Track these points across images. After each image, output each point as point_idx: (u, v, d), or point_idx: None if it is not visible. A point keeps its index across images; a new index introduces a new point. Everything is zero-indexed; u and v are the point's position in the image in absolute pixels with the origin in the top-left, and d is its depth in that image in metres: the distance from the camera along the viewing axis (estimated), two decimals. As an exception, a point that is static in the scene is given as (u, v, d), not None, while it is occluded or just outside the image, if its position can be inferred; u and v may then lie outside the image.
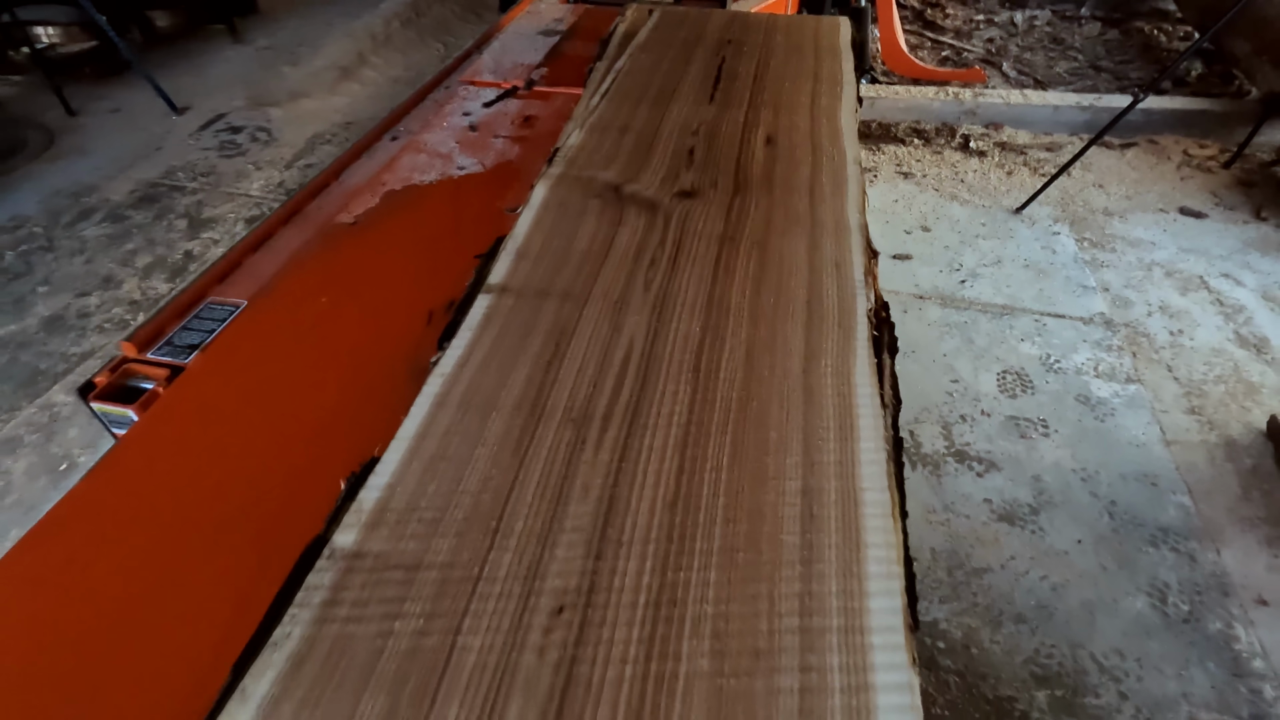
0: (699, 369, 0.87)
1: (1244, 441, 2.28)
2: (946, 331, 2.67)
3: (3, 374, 2.42)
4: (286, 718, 0.57)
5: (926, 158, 3.75)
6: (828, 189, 1.20)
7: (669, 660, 0.60)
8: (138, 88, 4.22)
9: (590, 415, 0.81)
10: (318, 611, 0.63)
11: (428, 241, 1.37)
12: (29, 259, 2.95)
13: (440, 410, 0.82)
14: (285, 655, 0.60)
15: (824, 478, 0.74)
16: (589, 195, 1.19)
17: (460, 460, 0.76)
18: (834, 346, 0.90)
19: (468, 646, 0.61)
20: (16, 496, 2.04)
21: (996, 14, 5.58)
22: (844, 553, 0.67)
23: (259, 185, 3.46)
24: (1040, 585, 1.89)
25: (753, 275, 1.02)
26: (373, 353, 1.12)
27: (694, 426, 0.80)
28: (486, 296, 0.99)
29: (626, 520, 0.71)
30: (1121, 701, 1.66)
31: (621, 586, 0.65)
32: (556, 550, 0.68)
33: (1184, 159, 3.77)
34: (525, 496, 0.73)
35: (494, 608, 0.64)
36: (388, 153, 1.68)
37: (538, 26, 2.30)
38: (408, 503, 0.72)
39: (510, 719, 0.57)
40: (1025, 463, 2.20)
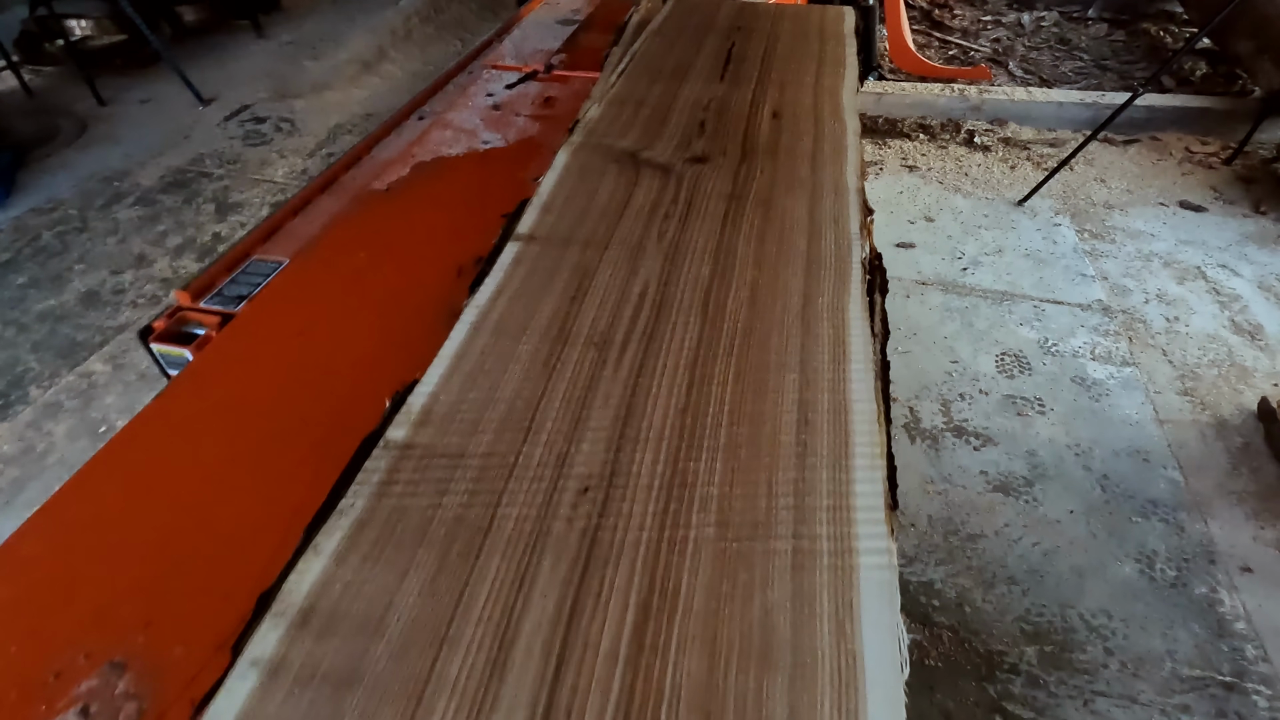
0: (707, 305, 0.97)
1: (1235, 422, 2.35)
2: (948, 316, 2.76)
3: (43, 344, 2.54)
4: (353, 567, 0.66)
5: (931, 152, 3.84)
6: (828, 156, 1.30)
7: (680, 529, 0.69)
8: (166, 79, 4.36)
9: (610, 340, 0.91)
10: (376, 489, 0.73)
11: (455, 206, 1.47)
12: (65, 239, 3.08)
13: (476, 335, 0.92)
14: (350, 520, 0.70)
15: (818, 392, 0.83)
16: (607, 160, 1.29)
17: (495, 374, 0.86)
18: (830, 287, 0.99)
19: (506, 516, 0.71)
20: (59, 456, 2.16)
21: (1004, 15, 5.65)
22: (834, 449, 0.77)
23: (283, 172, 3.58)
24: (1032, 551, 1.97)
25: (757, 228, 1.11)
26: (407, 301, 1.22)
27: (703, 350, 0.89)
28: (515, 244, 1.09)
29: (643, 423, 0.80)
30: (1107, 657, 1.74)
31: (639, 473, 0.75)
32: (582, 445, 0.78)
33: (1186, 155, 3.84)
34: (554, 403, 0.82)
35: (528, 488, 0.73)
36: (416, 130, 1.79)
37: (556, 16, 2.41)
38: (450, 407, 0.82)
39: (543, 573, 0.66)
40: (1021, 438, 2.28)
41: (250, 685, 0.58)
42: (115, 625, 0.76)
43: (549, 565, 0.67)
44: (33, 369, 2.44)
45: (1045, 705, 1.66)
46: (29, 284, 2.81)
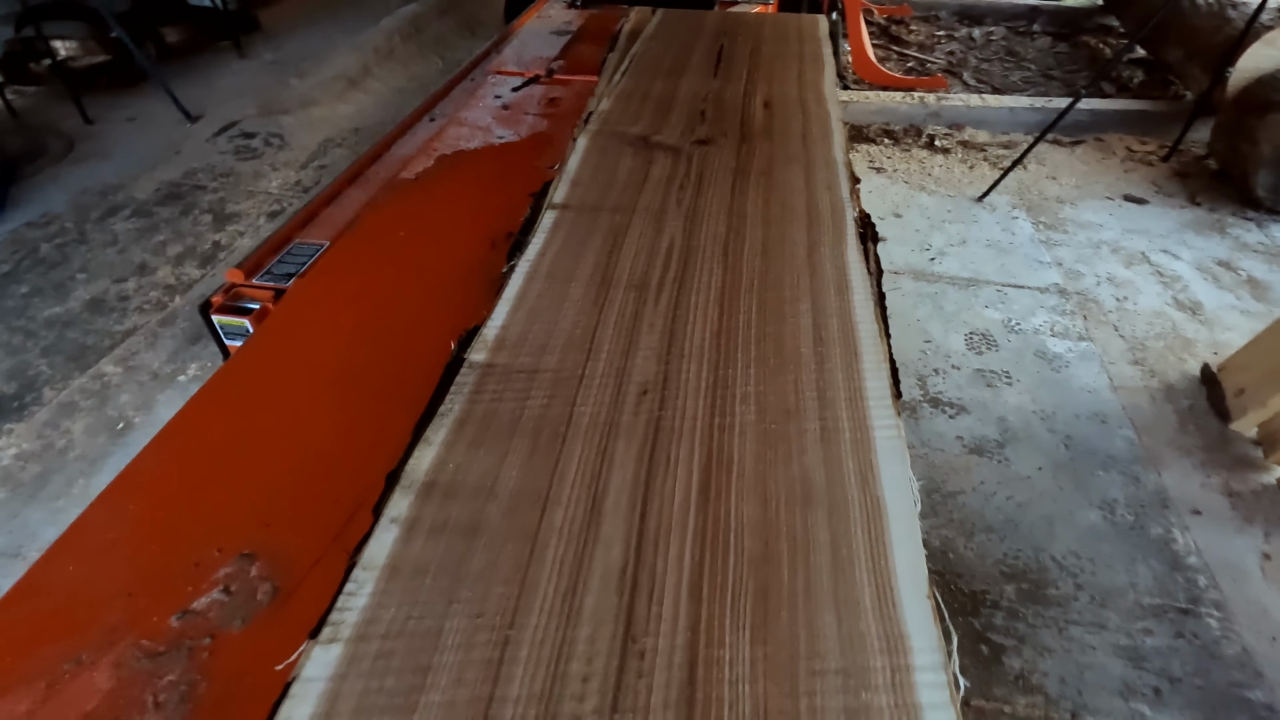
0: (726, 254, 1.12)
1: (1181, 386, 2.58)
2: (919, 301, 2.96)
3: (52, 349, 2.60)
4: (460, 452, 0.80)
5: (896, 155, 4.08)
6: (817, 136, 1.47)
7: (727, 416, 0.84)
8: (151, 98, 4.43)
9: (647, 283, 1.06)
10: (468, 396, 0.87)
11: (480, 190, 1.61)
12: (64, 250, 3.13)
13: (531, 282, 1.06)
14: (451, 419, 0.84)
15: (827, 316, 0.99)
16: (623, 144, 1.45)
17: (553, 311, 1.00)
18: (829, 239, 1.16)
19: (581, 413, 0.85)
20: (79, 452, 2.22)
21: (956, 30, 6.01)
22: (845, 357, 0.93)
23: (277, 184, 3.67)
24: (1007, 503, 2.15)
25: (762, 194, 1.27)
26: (447, 269, 1.35)
27: (727, 289, 1.05)
28: (552, 211, 1.23)
29: (685, 343, 0.95)
30: (1078, 590, 1.92)
31: (687, 378, 0.89)
32: (635, 360, 0.92)
33: (1127, 154, 4.15)
34: (607, 331, 0.97)
35: (596, 393, 0.88)
36: (432, 129, 1.93)
37: (550, 27, 2.57)
38: (519, 336, 0.96)
39: (619, 451, 0.80)
40: (991, 406, 2.48)
41: (393, 535, 0.71)
42: (238, 527, 0.87)
43: (623, 445, 0.81)
44: (44, 372, 2.49)
45: (1024, 634, 1.83)
46: (32, 293, 2.86)
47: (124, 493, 0.93)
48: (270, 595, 0.81)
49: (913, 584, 0.67)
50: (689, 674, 0.60)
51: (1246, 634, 1.84)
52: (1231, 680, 1.74)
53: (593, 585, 0.67)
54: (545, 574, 0.68)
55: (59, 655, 0.75)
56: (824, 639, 0.62)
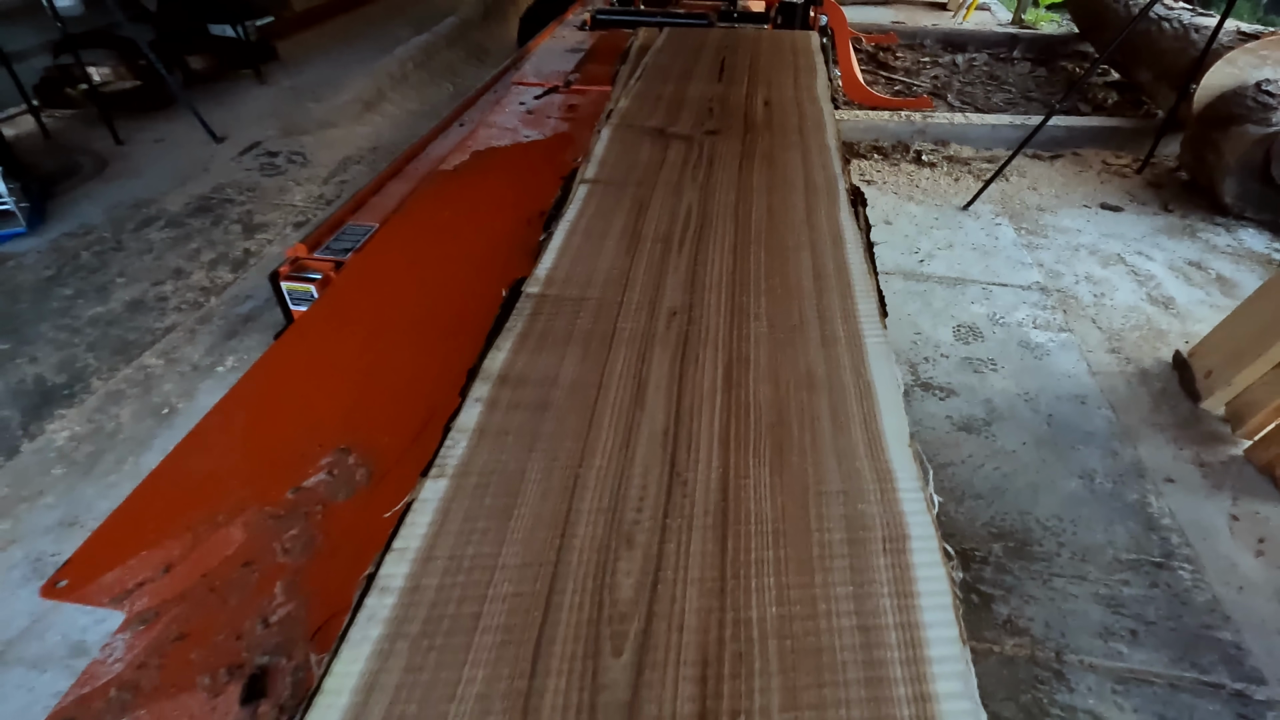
0: (737, 216, 1.31)
1: (1155, 372, 2.77)
2: (909, 298, 3.16)
3: (97, 344, 2.76)
4: (525, 357, 0.97)
5: (885, 168, 4.32)
6: (812, 128, 1.67)
7: (744, 329, 1.02)
8: (177, 121, 4.66)
9: (670, 237, 1.24)
10: (527, 318, 1.04)
11: (514, 178, 1.80)
12: (103, 257, 3.31)
13: (571, 237, 1.24)
14: (515, 334, 1.01)
15: (824, 261, 1.18)
16: (641, 135, 1.65)
17: (592, 257, 1.18)
18: (825, 204, 1.34)
19: (622, 329, 1.02)
20: (127, 434, 2.37)
21: (940, 56, 6.32)
22: (840, 288, 1.10)
23: (301, 197, 3.88)
24: (994, 474, 2.31)
25: (765, 172, 1.47)
26: (490, 241, 1.53)
27: (739, 242, 1.23)
28: (583, 186, 1.42)
29: (705, 279, 1.13)
30: (1060, 548, 2.07)
31: (708, 304, 1.07)
32: (664, 292, 1.10)
33: (1103, 167, 4.40)
34: (639, 271, 1.15)
35: (633, 314, 1.05)
36: (463, 131, 2.13)
37: (564, 46, 2.80)
38: (566, 274, 1.14)
39: (656, 354, 0.98)
40: (978, 390, 2.65)
41: (478, 410, 0.88)
42: (333, 430, 1.04)
43: (659, 351, 0.98)
44: (91, 364, 2.65)
45: (1012, 585, 1.98)
46: (75, 295, 3.03)
47: (232, 407, 1.09)
48: (366, 478, 0.97)
49: (898, 439, 0.84)
50: (722, 494, 0.77)
51: (1216, 584, 1.99)
52: (1202, 623, 1.89)
53: (642, 440, 0.83)
54: (603, 434, 0.84)
55: (199, 518, 0.91)
56: (827, 472, 0.79)
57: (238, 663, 0.75)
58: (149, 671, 0.74)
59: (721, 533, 0.73)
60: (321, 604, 0.80)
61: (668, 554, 0.70)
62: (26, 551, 1.99)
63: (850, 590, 0.67)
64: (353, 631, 0.64)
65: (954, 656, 0.62)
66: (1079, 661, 1.80)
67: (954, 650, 0.62)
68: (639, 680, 0.60)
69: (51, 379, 2.59)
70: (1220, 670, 1.79)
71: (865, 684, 0.60)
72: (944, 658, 0.61)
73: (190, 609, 0.80)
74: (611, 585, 0.68)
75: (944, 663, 0.61)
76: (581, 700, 0.59)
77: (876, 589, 0.67)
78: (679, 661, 0.61)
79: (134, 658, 0.75)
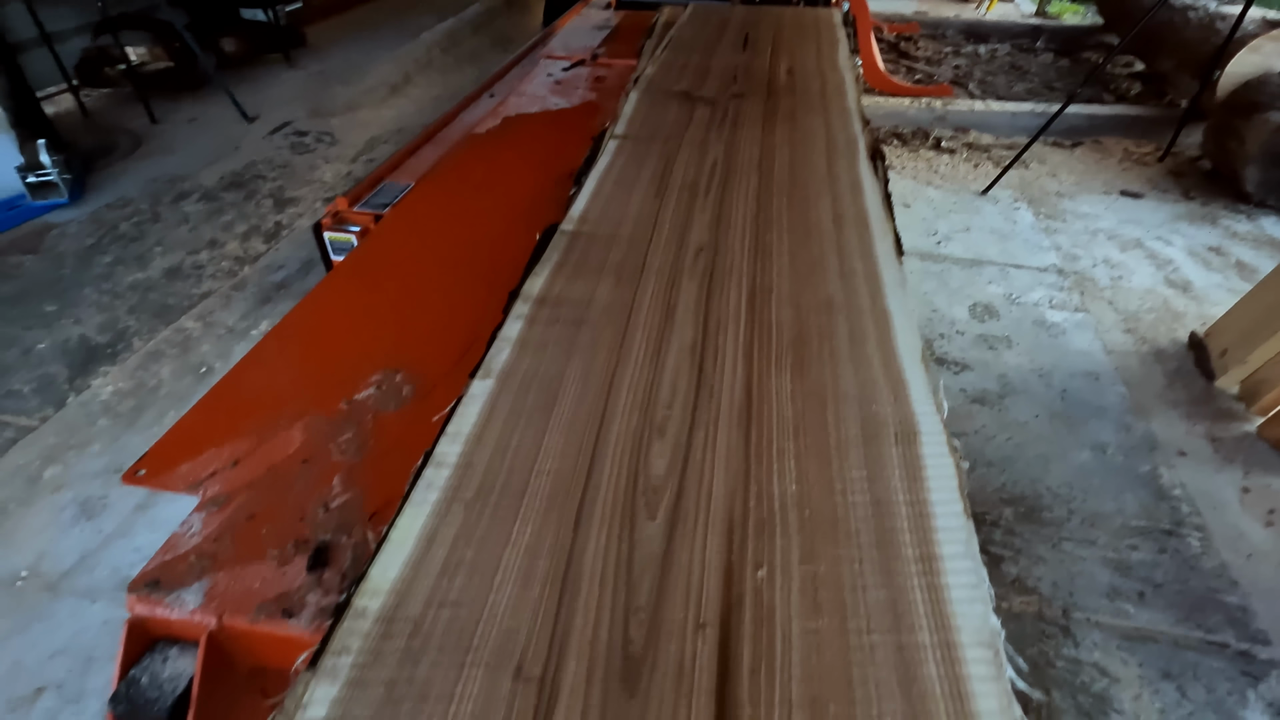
0: (760, 169, 1.37)
1: (1170, 352, 2.79)
2: (926, 277, 3.19)
3: (138, 308, 2.87)
4: (561, 283, 1.04)
5: (904, 154, 4.34)
6: (833, 93, 1.73)
7: (767, 263, 1.08)
8: (209, 102, 4.78)
9: (697, 186, 1.31)
10: (563, 250, 1.11)
11: (543, 142, 1.87)
12: (141, 228, 3.43)
13: (602, 185, 1.31)
14: (551, 263, 1.08)
15: (844, 206, 1.23)
16: (668, 98, 1.71)
17: (623, 201, 1.25)
18: (845, 160, 1.40)
19: (651, 264, 1.09)
20: (168, 390, 2.47)
21: (962, 46, 6.31)
22: (858, 229, 1.16)
23: (330, 174, 3.98)
24: (1006, 444, 2.35)
25: (788, 131, 1.52)
26: (521, 197, 1.60)
27: (762, 191, 1.29)
28: (614, 141, 1.49)
29: (730, 221, 1.19)
30: (1070, 514, 2.11)
31: (732, 245, 1.13)
32: (691, 232, 1.16)
33: (1124, 155, 4.39)
34: (667, 213, 1.21)
35: (662, 250, 1.12)
36: (493, 101, 2.20)
37: (591, 24, 2.87)
38: (599, 214, 1.21)
39: (684, 283, 1.04)
40: (993, 365, 2.69)
41: (519, 325, 0.95)
42: (382, 354, 1.11)
43: (686, 280, 1.05)
44: (132, 326, 2.76)
45: (1021, 547, 2.02)
46: (115, 262, 3.15)
47: (286, 333, 1.17)
48: (411, 394, 1.05)
49: (911, 354, 0.89)
50: (746, 397, 0.83)
51: (1224, 551, 2.02)
52: (1209, 587, 1.92)
53: (672, 351, 0.90)
54: (636, 346, 0.91)
55: (261, 423, 0.98)
56: (844, 381, 0.85)
57: (303, 539, 0.82)
58: (224, 544, 0.82)
59: (745, 427, 0.79)
60: (375, 495, 0.88)
61: (696, 442, 0.77)
62: (75, 494, 2.10)
63: (864, 474, 0.73)
64: (413, 495, 0.71)
65: (958, 527, 0.68)
66: (1086, 619, 1.84)
67: (958, 522, 0.68)
68: (671, 537, 0.67)
69: (95, 338, 2.71)
70: (1225, 631, 1.82)
71: (876, 545, 0.66)
72: (948, 527, 0.68)
73: (258, 495, 0.88)
74: (645, 465, 0.74)
75: (948, 531, 0.67)
76: (620, 552, 0.66)
77: (888, 473, 0.73)
78: (707, 524, 0.68)
79: (210, 532, 0.83)
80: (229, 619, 0.75)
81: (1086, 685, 1.72)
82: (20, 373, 2.53)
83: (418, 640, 0.59)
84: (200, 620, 0.75)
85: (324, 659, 0.57)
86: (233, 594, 0.77)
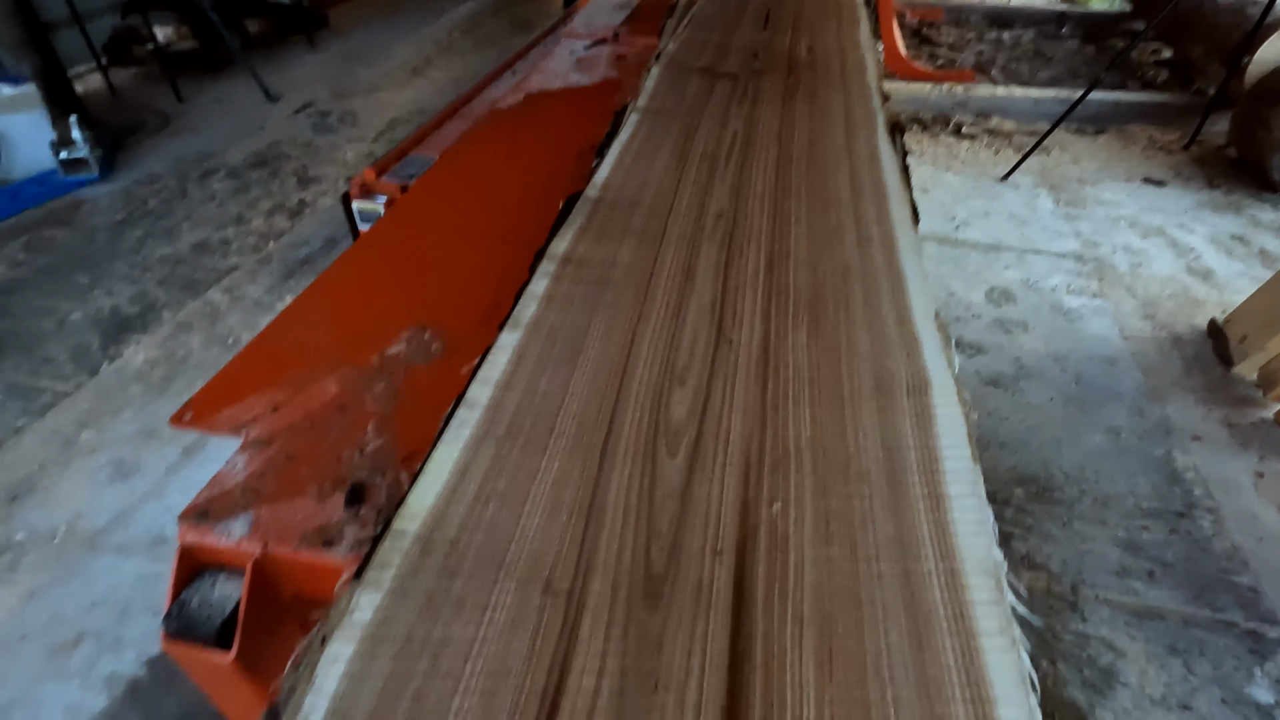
0: (779, 142, 1.39)
1: (1188, 338, 2.78)
2: (943, 261, 3.19)
3: (167, 281, 2.95)
4: (586, 245, 1.07)
5: (924, 140, 4.32)
6: (853, 70, 1.74)
7: (784, 229, 1.11)
8: (235, 81, 4.85)
9: (718, 156, 1.33)
10: (586, 214, 1.14)
11: (565, 117, 1.90)
12: (169, 204, 3.50)
13: (624, 154, 1.34)
14: (575, 228, 1.11)
15: (861, 176, 1.26)
16: (689, 73, 1.73)
17: (645, 169, 1.28)
18: (863, 133, 1.42)
19: (672, 229, 1.12)
20: (197, 360, 2.54)
21: (986, 33, 6.24)
22: (876, 198, 1.19)
23: (352, 154, 4.03)
24: (1019, 425, 2.37)
25: (807, 107, 1.54)
26: (543, 169, 1.63)
27: (781, 161, 1.32)
28: (635, 114, 1.52)
29: (749, 189, 1.22)
30: (1081, 495, 2.13)
31: (752, 209, 1.16)
32: (711, 199, 1.19)
33: (1149, 143, 4.34)
34: (688, 181, 1.24)
35: (683, 216, 1.15)
36: (515, 78, 2.23)
37: (612, 3, 2.88)
38: (621, 182, 1.24)
39: (704, 247, 1.07)
40: (1008, 349, 2.70)
41: (545, 281, 0.99)
42: (411, 313, 1.16)
43: (705, 245, 1.08)
44: (161, 298, 2.83)
45: (1031, 525, 2.04)
46: (145, 236, 3.23)
47: (319, 292, 1.22)
48: (440, 350, 1.09)
49: (924, 314, 0.92)
50: (764, 351, 0.86)
51: (1236, 534, 2.03)
52: (1220, 568, 1.94)
53: (692, 309, 0.93)
54: (657, 304, 0.95)
55: (298, 374, 1.03)
56: (858, 340, 0.88)
57: (340, 478, 0.87)
58: (267, 481, 0.87)
59: (763, 378, 0.82)
60: (407, 440, 0.92)
61: (715, 391, 0.81)
62: (110, 456, 2.17)
63: (876, 421, 0.76)
64: (446, 433, 0.75)
65: (966, 470, 0.71)
66: (1094, 596, 1.86)
67: (966, 465, 0.71)
68: (691, 474, 0.71)
69: (126, 310, 2.78)
70: (1234, 610, 1.84)
71: (887, 484, 0.69)
72: (956, 470, 0.71)
73: (297, 438, 0.93)
74: (666, 410, 0.78)
75: (956, 474, 0.70)
76: (642, 486, 0.69)
77: (899, 420, 0.76)
78: (725, 463, 0.72)
79: (253, 470, 0.88)
80: (273, 547, 0.79)
81: (1093, 659, 1.74)
82: (56, 341, 2.61)
83: (454, 558, 0.63)
84: (246, 548, 0.80)
85: (368, 571, 0.62)
86: (276, 525, 0.82)
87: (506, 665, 0.55)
